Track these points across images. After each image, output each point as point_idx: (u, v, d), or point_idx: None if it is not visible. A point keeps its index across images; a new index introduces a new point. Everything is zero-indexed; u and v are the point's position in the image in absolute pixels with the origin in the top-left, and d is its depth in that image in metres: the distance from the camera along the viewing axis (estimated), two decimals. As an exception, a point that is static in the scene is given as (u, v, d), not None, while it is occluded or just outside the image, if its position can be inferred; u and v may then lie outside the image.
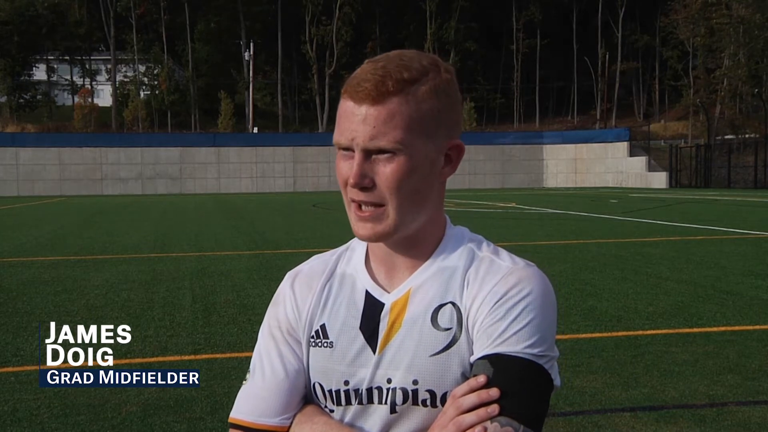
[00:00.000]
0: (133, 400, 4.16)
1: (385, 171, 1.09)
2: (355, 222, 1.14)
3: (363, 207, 1.12)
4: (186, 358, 5.12)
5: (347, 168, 1.11)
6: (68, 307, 7.00)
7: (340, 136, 1.11)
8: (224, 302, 7.22)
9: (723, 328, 5.88)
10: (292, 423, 1.19)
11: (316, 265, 1.28)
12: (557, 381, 1.11)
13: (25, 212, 25.30)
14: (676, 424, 3.74)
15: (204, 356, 5.16)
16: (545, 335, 1.10)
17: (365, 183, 1.10)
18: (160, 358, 5.11)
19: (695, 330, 5.83)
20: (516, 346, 1.08)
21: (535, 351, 1.08)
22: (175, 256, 11.11)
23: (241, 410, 1.21)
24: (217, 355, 5.18)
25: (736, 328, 5.91)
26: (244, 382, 1.24)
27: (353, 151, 1.10)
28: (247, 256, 11.08)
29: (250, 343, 5.43)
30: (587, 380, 4.46)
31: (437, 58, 1.16)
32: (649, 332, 5.79)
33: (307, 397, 1.22)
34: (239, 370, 4.71)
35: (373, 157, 1.09)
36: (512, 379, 1.06)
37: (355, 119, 1.08)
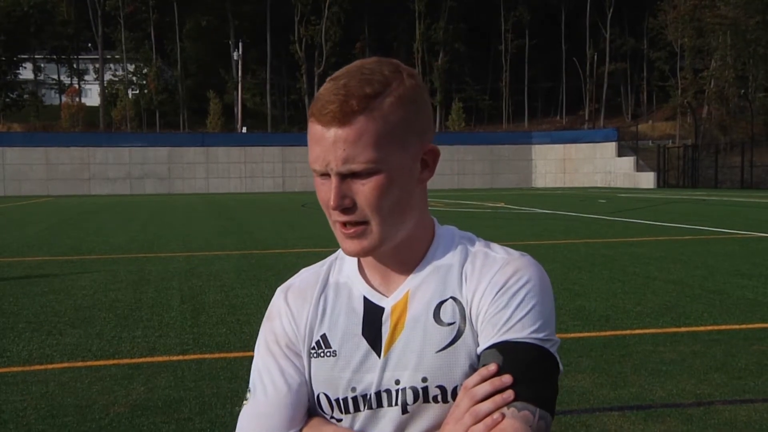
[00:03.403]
0: (120, 401, 4.14)
1: (364, 190, 1.09)
2: (341, 240, 1.14)
3: (347, 225, 1.12)
4: (174, 358, 5.09)
5: (326, 191, 1.11)
6: (55, 308, 6.95)
7: (314, 162, 1.11)
8: (213, 302, 7.20)
9: (710, 328, 5.91)
10: None
11: (307, 277, 1.27)
12: (561, 365, 1.13)
13: (12, 212, 25.13)
14: (663, 423, 3.76)
15: (192, 356, 5.13)
16: (547, 320, 1.12)
17: (345, 204, 1.10)
18: (149, 359, 5.09)
19: (683, 329, 5.87)
20: (522, 332, 1.09)
21: (540, 335, 1.10)
22: (163, 257, 11.07)
23: (246, 429, 1.18)
24: (206, 356, 5.15)
25: (723, 327, 5.95)
26: (244, 402, 1.22)
27: (329, 175, 1.10)
28: (236, 256, 11.05)
29: (239, 343, 5.44)
30: (576, 380, 4.47)
31: (399, 63, 1.15)
32: (637, 332, 5.81)
33: (310, 410, 1.20)
34: (228, 371, 4.69)
35: (349, 178, 1.09)
36: (522, 365, 1.07)
37: (325, 143, 1.08)
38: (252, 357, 1.25)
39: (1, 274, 9.30)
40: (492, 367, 1.07)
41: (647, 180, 48.47)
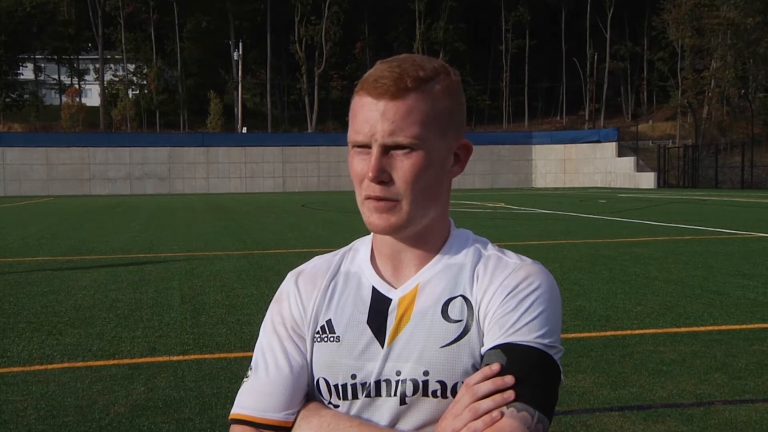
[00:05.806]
0: (121, 401, 4.14)
1: (403, 166, 1.12)
2: (369, 214, 1.15)
3: (379, 199, 1.14)
4: (174, 358, 5.10)
5: (363, 165, 1.13)
6: (56, 308, 6.96)
7: (357, 133, 1.13)
8: (213, 302, 7.21)
9: (710, 328, 5.92)
10: (296, 418, 1.19)
11: (319, 264, 1.29)
12: (563, 375, 1.14)
13: (12, 212, 25.13)
14: (663, 423, 3.76)
15: (193, 357, 5.13)
16: (554, 327, 1.14)
17: (384, 177, 1.12)
18: (149, 359, 5.09)
19: (683, 329, 5.87)
20: (528, 336, 1.11)
21: (545, 341, 1.11)
22: (163, 257, 11.07)
23: (245, 405, 1.21)
24: (206, 356, 5.16)
25: (723, 327, 5.95)
26: (245, 379, 1.25)
27: (370, 147, 1.12)
28: (236, 256, 11.05)
29: (239, 343, 5.44)
30: (576, 380, 4.47)
31: (444, 62, 1.21)
32: (637, 332, 5.82)
33: (309, 395, 1.22)
34: (228, 371, 4.69)
35: (390, 153, 1.12)
36: (525, 367, 1.08)
37: (374, 114, 1.11)
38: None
39: (1, 274, 9.30)
40: (495, 367, 1.08)
41: (647, 180, 48.44)
